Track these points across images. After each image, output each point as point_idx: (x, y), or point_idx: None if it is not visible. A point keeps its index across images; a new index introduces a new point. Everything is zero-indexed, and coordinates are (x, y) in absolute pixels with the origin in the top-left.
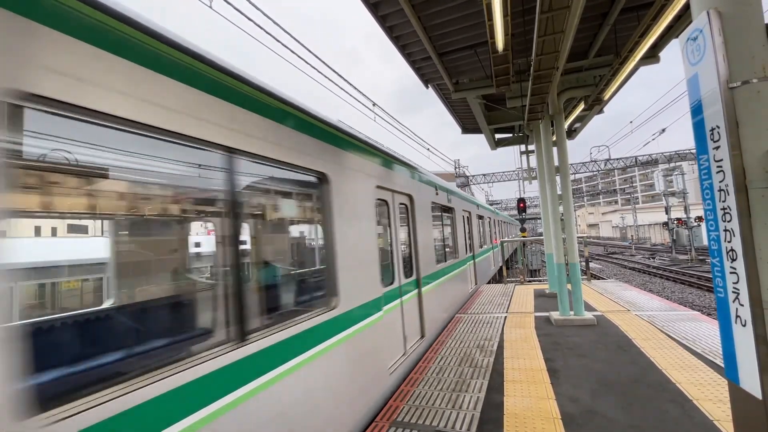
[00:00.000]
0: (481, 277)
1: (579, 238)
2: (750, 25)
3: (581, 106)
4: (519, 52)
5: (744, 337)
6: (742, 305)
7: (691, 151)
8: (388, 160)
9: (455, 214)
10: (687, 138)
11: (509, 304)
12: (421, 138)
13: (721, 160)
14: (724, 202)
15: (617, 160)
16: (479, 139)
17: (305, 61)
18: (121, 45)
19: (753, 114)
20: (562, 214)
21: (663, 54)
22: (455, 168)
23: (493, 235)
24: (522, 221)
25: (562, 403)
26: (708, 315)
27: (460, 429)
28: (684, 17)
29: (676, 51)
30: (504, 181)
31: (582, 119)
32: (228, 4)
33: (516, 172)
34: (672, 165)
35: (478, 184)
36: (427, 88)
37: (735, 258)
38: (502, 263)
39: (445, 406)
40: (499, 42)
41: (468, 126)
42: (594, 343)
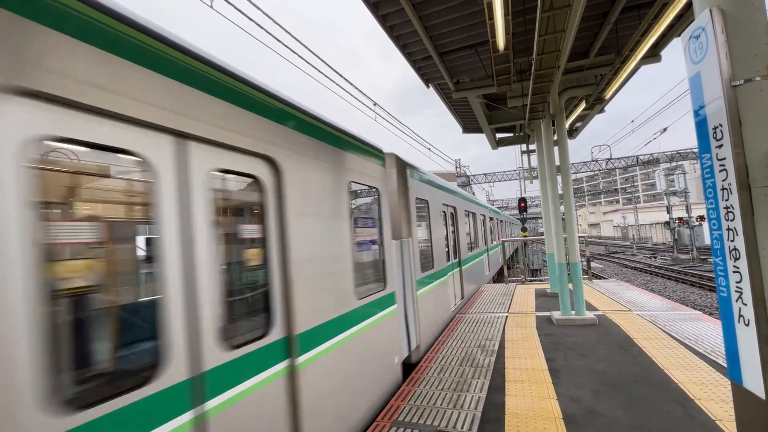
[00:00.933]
0: (470, 289)
1: (580, 237)
2: (753, 23)
3: (582, 106)
4: (520, 52)
5: (747, 337)
6: (745, 304)
7: (693, 150)
8: None
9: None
10: (688, 137)
11: (510, 303)
12: (422, 138)
13: (724, 159)
14: (726, 200)
15: (618, 159)
16: (480, 140)
17: (306, 61)
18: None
19: (756, 112)
20: (563, 214)
21: (664, 53)
22: (456, 168)
23: (487, 235)
24: (523, 221)
25: (563, 402)
26: (710, 315)
27: (462, 429)
28: (686, 16)
29: (677, 50)
30: (505, 180)
31: (583, 119)
32: (229, 3)
33: (517, 172)
34: (673, 164)
35: (479, 184)
36: (428, 87)
37: (738, 257)
38: (503, 263)
39: (446, 405)
40: (500, 41)
41: (469, 125)
42: (595, 343)
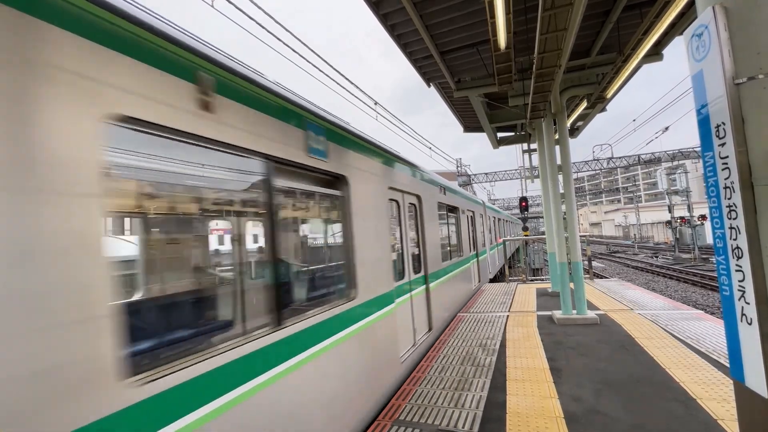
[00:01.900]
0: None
1: (581, 237)
2: (756, 21)
3: (583, 105)
4: (521, 50)
5: (750, 336)
6: (748, 303)
7: (695, 149)
8: None
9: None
10: (690, 136)
11: (511, 303)
12: (423, 137)
13: (727, 157)
14: (729, 199)
15: (620, 158)
16: (481, 139)
17: (307, 61)
18: None
19: (759, 110)
20: (565, 213)
21: (666, 51)
22: (457, 167)
23: (477, 236)
24: (524, 220)
25: (564, 402)
26: (712, 314)
27: (463, 428)
28: (687, 14)
29: (679, 48)
30: (506, 180)
31: (584, 118)
32: (230, 3)
33: (518, 171)
34: (675, 163)
35: (480, 183)
36: (429, 86)
37: (740, 256)
38: (504, 263)
39: (447, 404)
40: (501, 40)
41: (470, 125)
42: (597, 342)
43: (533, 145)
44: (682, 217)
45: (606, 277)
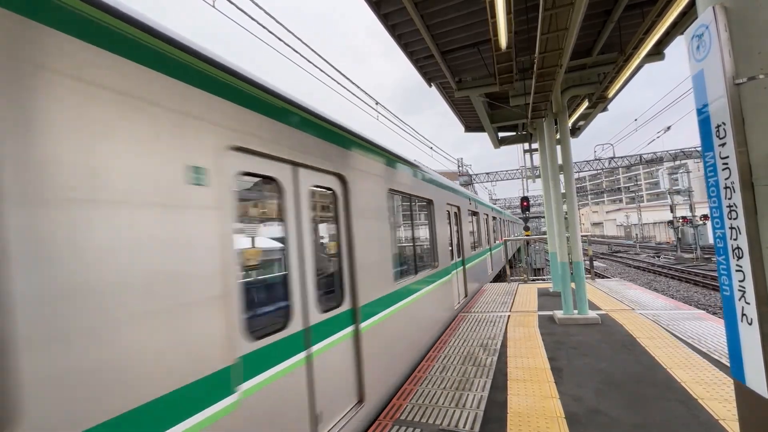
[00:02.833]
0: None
1: (583, 236)
2: (757, 21)
3: (585, 104)
4: (522, 50)
5: (750, 336)
6: (748, 303)
7: (697, 149)
8: None
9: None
10: (692, 136)
11: (512, 302)
12: (424, 137)
13: (727, 157)
14: (729, 199)
15: (621, 158)
16: (481, 139)
17: (308, 60)
18: None
19: (759, 110)
20: (566, 213)
21: (668, 51)
22: (458, 167)
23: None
24: (525, 220)
25: (565, 402)
26: (713, 314)
27: (464, 427)
28: (689, 14)
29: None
30: (507, 179)
31: (586, 117)
32: (231, 3)
33: (519, 171)
34: (677, 163)
35: (482, 183)
36: (429, 86)
37: (741, 256)
38: (505, 262)
39: (448, 404)
40: (502, 40)
41: (471, 124)
42: (598, 342)
43: (534, 145)
44: (684, 217)
45: (607, 277)
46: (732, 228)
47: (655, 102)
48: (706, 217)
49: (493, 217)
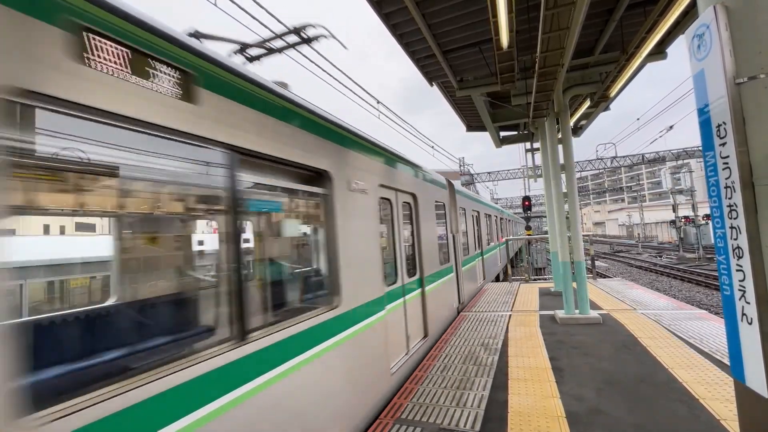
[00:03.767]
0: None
1: (584, 236)
2: (757, 20)
3: (587, 103)
4: (524, 49)
5: (750, 335)
6: (748, 303)
7: (699, 148)
8: None
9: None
10: (695, 135)
11: (514, 302)
12: (426, 136)
13: (728, 157)
14: (730, 199)
15: (624, 157)
16: (484, 138)
17: (309, 59)
18: None
19: (760, 110)
20: (568, 213)
21: (670, 50)
22: (460, 166)
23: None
24: (527, 219)
25: (566, 401)
26: (715, 314)
27: (465, 427)
28: (691, 13)
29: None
30: (509, 179)
31: (588, 116)
32: (232, 2)
33: (521, 170)
34: (679, 162)
35: (483, 182)
36: (431, 86)
37: (741, 255)
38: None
39: (449, 403)
40: (504, 39)
41: (472, 124)
42: (599, 342)
43: (536, 144)
44: (686, 217)
45: (609, 277)
46: (732, 227)
47: (658, 101)
48: (708, 216)
49: (486, 215)
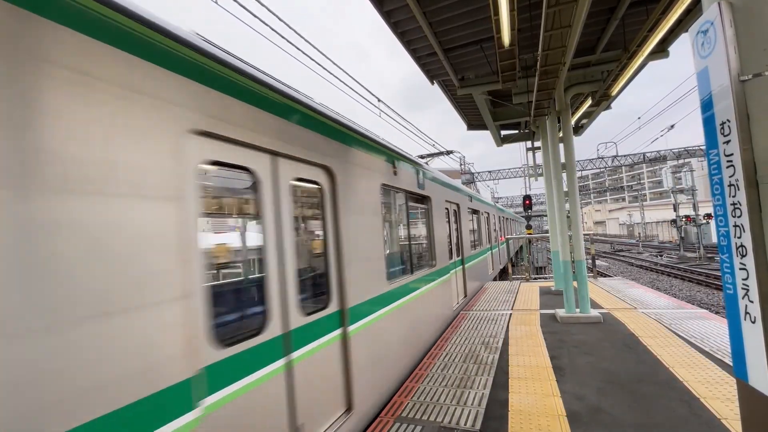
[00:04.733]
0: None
1: (585, 235)
2: (762, 17)
3: (588, 102)
4: (525, 48)
5: (753, 334)
6: (752, 302)
7: (700, 147)
8: None
9: None
10: (696, 134)
11: (514, 301)
12: (427, 134)
13: (732, 155)
14: (734, 197)
15: (625, 156)
16: (484, 139)
17: (310, 58)
18: None
19: (764, 107)
20: (569, 212)
21: (672, 48)
22: (460, 164)
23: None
24: (528, 218)
25: (567, 400)
26: (716, 313)
27: (465, 425)
28: (694, 11)
29: (685, 45)
30: (510, 178)
31: (589, 115)
32: (234, 0)
33: (522, 169)
34: (681, 161)
35: (484, 181)
36: (432, 84)
37: (745, 254)
38: (507, 260)
39: (449, 402)
40: (505, 37)
41: (473, 122)
42: (600, 341)
43: (537, 143)
44: (687, 216)
45: (610, 276)
46: (736, 226)
47: (659, 100)
48: (709, 216)
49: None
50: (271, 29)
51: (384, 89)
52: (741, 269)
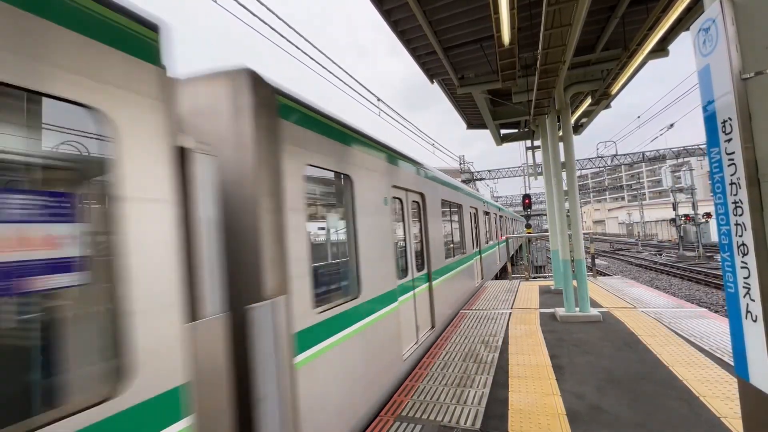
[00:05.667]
0: None
1: (585, 234)
2: (764, 15)
3: (588, 101)
4: (525, 46)
5: (755, 333)
6: (753, 300)
7: (700, 146)
8: None
9: None
10: (695, 133)
11: (514, 300)
12: (426, 134)
13: (733, 153)
14: (735, 195)
15: (624, 155)
16: (484, 139)
17: (310, 57)
18: None
19: (766, 105)
20: (568, 211)
21: (672, 47)
22: (460, 164)
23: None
24: (527, 217)
25: (567, 399)
26: (715, 312)
27: (465, 424)
28: (694, 9)
29: (685, 44)
30: (509, 177)
31: (589, 114)
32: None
33: (521, 168)
34: (680, 161)
35: (484, 180)
36: (432, 83)
37: (746, 252)
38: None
39: (449, 401)
40: (505, 36)
41: (473, 121)
42: (599, 340)
43: (537, 142)
44: (686, 215)
45: (609, 275)
46: (737, 224)
47: (659, 99)
48: (708, 215)
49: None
50: (271, 28)
51: (384, 89)
52: (742, 268)
